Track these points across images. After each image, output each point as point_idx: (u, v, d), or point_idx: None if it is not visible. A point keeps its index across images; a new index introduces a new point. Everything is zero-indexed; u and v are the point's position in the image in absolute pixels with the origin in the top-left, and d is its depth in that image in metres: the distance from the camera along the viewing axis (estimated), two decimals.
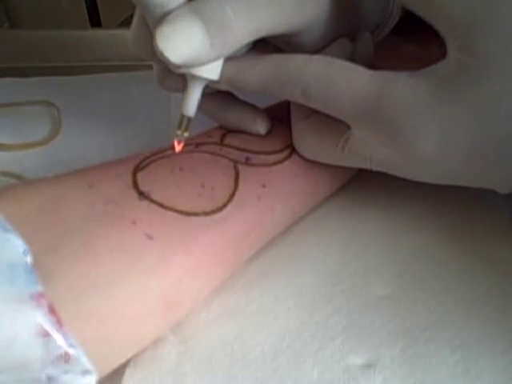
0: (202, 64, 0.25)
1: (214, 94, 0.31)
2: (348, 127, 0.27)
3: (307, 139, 0.29)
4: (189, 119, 0.28)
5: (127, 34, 0.29)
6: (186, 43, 0.24)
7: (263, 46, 0.30)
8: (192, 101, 0.28)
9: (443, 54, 0.24)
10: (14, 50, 0.50)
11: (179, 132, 0.28)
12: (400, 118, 0.24)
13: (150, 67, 0.31)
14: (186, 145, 0.30)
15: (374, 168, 0.28)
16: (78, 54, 0.50)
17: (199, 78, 0.27)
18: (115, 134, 0.40)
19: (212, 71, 0.27)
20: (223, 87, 0.29)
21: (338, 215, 0.33)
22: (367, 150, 0.27)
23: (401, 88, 0.24)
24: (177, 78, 0.29)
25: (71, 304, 0.21)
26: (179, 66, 0.25)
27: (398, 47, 0.36)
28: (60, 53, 0.50)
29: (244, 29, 0.25)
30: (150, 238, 0.24)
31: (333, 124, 0.28)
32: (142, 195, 0.26)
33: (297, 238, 0.32)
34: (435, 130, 0.24)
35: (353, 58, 0.30)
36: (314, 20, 0.28)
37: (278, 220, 0.30)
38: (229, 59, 0.28)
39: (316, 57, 0.26)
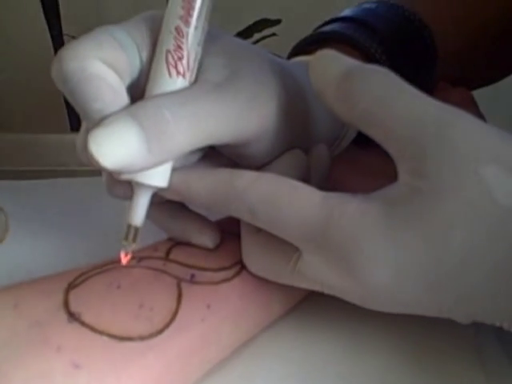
0: (141, 170, 0.24)
1: (163, 202, 0.30)
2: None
3: (256, 255, 0.28)
4: (136, 229, 0.26)
5: None
6: (120, 148, 0.23)
7: (215, 155, 0.29)
8: (139, 210, 0.26)
9: None
10: None
11: (126, 243, 0.26)
12: (350, 245, 0.23)
13: None
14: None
15: (326, 292, 0.26)
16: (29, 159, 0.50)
17: (146, 186, 0.26)
18: (63, 241, 0.39)
19: (160, 178, 0.26)
20: (172, 197, 0.27)
21: (292, 334, 0.31)
22: (318, 274, 0.25)
23: (351, 214, 0.23)
24: (125, 185, 0.28)
25: None
26: (115, 172, 0.24)
27: (360, 160, 0.35)
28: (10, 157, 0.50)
29: (184, 136, 0.24)
30: (76, 366, 0.22)
31: (283, 242, 0.26)
32: (72, 317, 0.24)
33: (246, 362, 0.29)
34: (387, 258, 0.22)
35: (307, 171, 0.29)
36: (261, 131, 0.27)
37: (224, 343, 0.28)
38: (178, 169, 0.27)
39: (266, 175, 0.25)
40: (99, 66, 0.24)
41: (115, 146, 0.23)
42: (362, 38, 0.35)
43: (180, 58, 0.25)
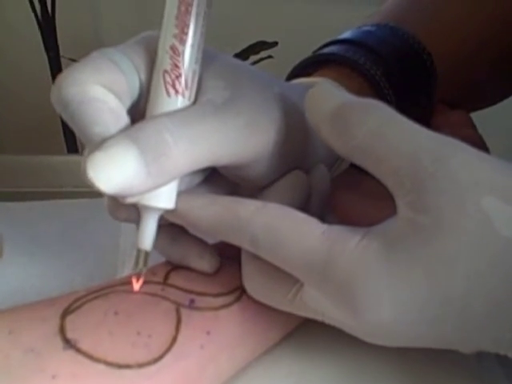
0: (140, 193, 0.24)
1: (163, 225, 0.29)
2: None
3: (256, 281, 0.27)
4: (146, 253, 0.26)
5: None
6: (117, 172, 0.23)
7: (218, 177, 0.29)
8: (147, 233, 0.26)
9: None
10: None
11: (136, 268, 0.26)
12: (351, 283, 0.22)
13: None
14: (125, 283, 0.28)
15: (327, 322, 0.26)
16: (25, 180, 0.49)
17: (153, 209, 0.25)
18: (59, 263, 0.38)
19: (166, 200, 0.25)
20: (176, 221, 0.27)
21: (288, 360, 0.30)
22: (318, 305, 0.25)
23: (352, 249, 0.23)
24: (128, 208, 0.27)
25: None
26: (117, 196, 0.23)
27: (359, 182, 0.35)
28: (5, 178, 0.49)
29: (184, 157, 0.24)
30: None
31: (284, 271, 0.26)
32: (68, 344, 0.23)
33: None
34: (388, 294, 0.22)
35: (308, 192, 0.29)
36: (260, 154, 0.27)
37: (221, 370, 0.27)
38: (182, 193, 0.26)
39: (269, 205, 0.25)
40: (99, 90, 0.24)
41: (112, 171, 0.22)
42: (361, 59, 0.35)
43: (177, 77, 0.25)
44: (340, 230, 0.23)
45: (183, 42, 0.25)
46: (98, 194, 0.45)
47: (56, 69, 1.14)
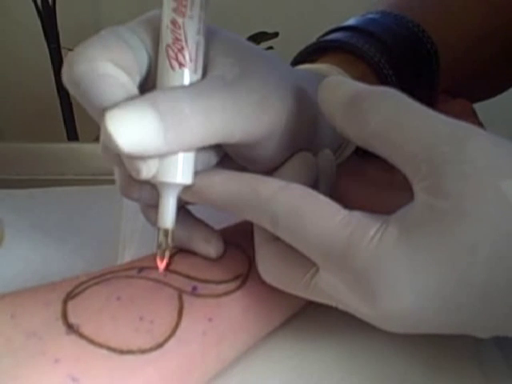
0: (151, 157, 0.24)
1: None
2: None
3: (271, 264, 0.27)
4: (168, 231, 0.26)
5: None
6: (137, 129, 0.22)
7: (227, 164, 0.29)
8: (168, 211, 0.26)
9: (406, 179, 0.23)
10: None
11: (160, 248, 0.26)
12: (370, 267, 0.22)
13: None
14: (127, 269, 0.27)
15: (341, 308, 0.25)
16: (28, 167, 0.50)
17: (171, 185, 0.25)
18: (60, 249, 0.38)
19: (184, 176, 0.25)
20: (192, 199, 0.27)
21: (289, 343, 0.30)
22: (334, 291, 0.24)
23: (372, 235, 0.22)
24: (141, 187, 0.27)
25: None
26: (127, 155, 0.23)
27: (362, 170, 0.35)
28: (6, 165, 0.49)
29: (200, 129, 0.24)
30: (74, 379, 0.22)
31: (301, 254, 0.25)
32: (71, 328, 0.23)
33: (243, 371, 0.28)
34: (408, 281, 0.22)
35: (316, 175, 0.29)
36: (272, 130, 0.27)
37: (223, 356, 0.27)
38: (200, 171, 0.27)
39: (291, 186, 0.25)
40: (110, 67, 0.24)
41: (132, 128, 0.22)
42: (365, 47, 0.35)
43: (180, 50, 0.25)
44: (360, 216, 0.23)
45: (182, 14, 0.25)
46: (98, 182, 0.45)
47: (57, 59, 1.14)
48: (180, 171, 0.25)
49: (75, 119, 1.19)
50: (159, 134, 0.23)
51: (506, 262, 0.21)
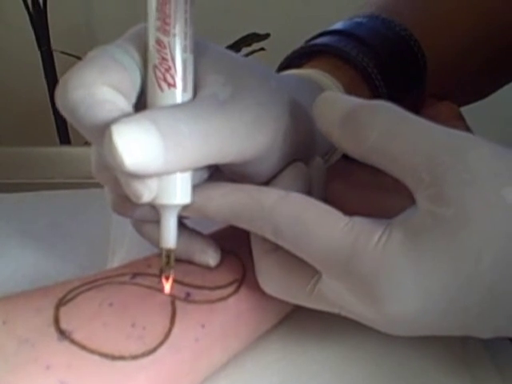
0: (149, 176, 0.24)
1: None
2: None
3: (271, 275, 0.27)
4: (171, 251, 0.26)
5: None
6: (141, 149, 0.22)
7: (218, 177, 0.29)
8: (170, 232, 0.26)
9: (396, 180, 0.24)
10: None
11: (165, 268, 0.26)
12: (375, 273, 0.22)
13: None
14: (120, 274, 0.27)
15: (343, 314, 0.26)
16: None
17: (171, 206, 0.25)
18: (50, 253, 0.38)
19: (182, 196, 0.25)
20: (191, 215, 0.27)
21: (277, 345, 0.30)
22: (337, 298, 0.25)
23: (376, 241, 0.23)
24: (135, 206, 0.27)
25: None
26: (127, 173, 0.23)
27: (351, 173, 0.35)
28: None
29: (197, 151, 0.24)
30: None
31: (301, 263, 0.25)
32: (63, 335, 0.23)
33: (232, 373, 0.29)
34: (413, 286, 0.22)
35: (308, 184, 0.29)
36: (266, 148, 0.27)
37: (215, 361, 0.27)
38: (198, 186, 0.26)
39: (292, 195, 0.25)
40: (107, 92, 0.24)
41: (137, 147, 0.22)
42: (353, 51, 0.35)
43: (167, 70, 0.25)
44: (363, 221, 0.23)
45: (167, 32, 0.25)
46: (88, 185, 0.45)
47: (48, 62, 1.14)
48: (179, 192, 0.25)
49: (67, 122, 1.18)
50: (160, 153, 0.22)
51: (510, 265, 0.21)
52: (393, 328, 0.24)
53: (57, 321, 0.24)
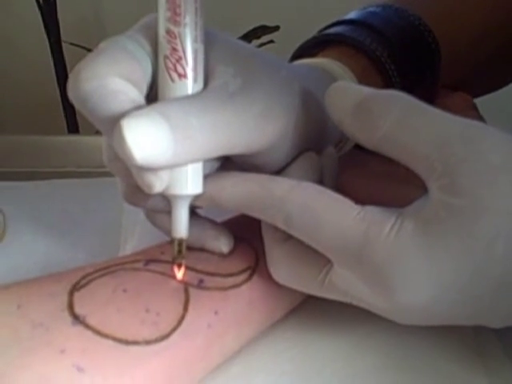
0: (159, 169, 0.24)
1: None
2: None
3: (283, 265, 0.27)
4: (183, 241, 0.26)
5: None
6: (151, 141, 0.22)
7: (230, 166, 0.29)
8: (181, 221, 0.26)
9: (408, 170, 0.24)
10: None
11: (176, 257, 0.26)
12: (388, 262, 0.23)
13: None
14: (134, 261, 0.28)
15: (355, 304, 0.26)
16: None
17: (183, 197, 0.25)
18: (62, 240, 0.38)
19: (194, 186, 0.25)
20: (203, 204, 0.27)
21: (288, 334, 0.30)
22: (349, 287, 0.25)
23: (388, 230, 0.23)
24: (147, 196, 0.27)
25: None
26: (137, 166, 0.23)
27: (363, 163, 0.35)
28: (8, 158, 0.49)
29: (207, 143, 0.24)
30: (79, 369, 0.22)
31: (313, 252, 0.25)
32: (77, 319, 0.23)
33: (244, 360, 0.29)
34: (425, 275, 0.22)
35: (320, 173, 0.29)
36: (276, 140, 0.27)
37: (227, 348, 0.27)
38: (210, 176, 0.27)
39: (303, 184, 0.25)
40: (119, 82, 0.24)
41: (146, 140, 0.22)
42: (367, 40, 0.35)
43: (178, 60, 0.25)
44: (374, 211, 0.24)
45: (177, 23, 0.24)
46: (99, 174, 0.45)
47: (57, 53, 1.14)
48: (190, 182, 0.25)
49: (76, 112, 1.19)
50: (169, 146, 0.22)
51: None
52: (404, 317, 0.24)
53: (71, 306, 0.24)
